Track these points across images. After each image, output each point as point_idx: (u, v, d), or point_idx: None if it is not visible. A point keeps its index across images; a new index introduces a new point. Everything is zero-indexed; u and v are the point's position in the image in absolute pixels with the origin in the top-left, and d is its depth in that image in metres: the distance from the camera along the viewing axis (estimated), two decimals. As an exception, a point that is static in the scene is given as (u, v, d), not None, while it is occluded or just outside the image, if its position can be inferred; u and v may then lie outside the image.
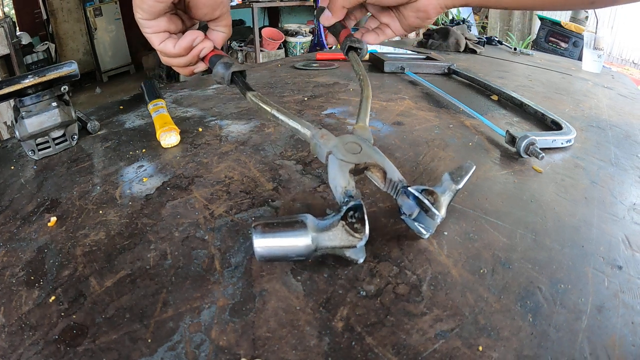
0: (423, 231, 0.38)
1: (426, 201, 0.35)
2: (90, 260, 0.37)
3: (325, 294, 0.32)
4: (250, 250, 0.37)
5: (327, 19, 0.53)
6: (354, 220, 0.32)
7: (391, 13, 0.53)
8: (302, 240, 0.31)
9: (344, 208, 0.33)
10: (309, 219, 0.32)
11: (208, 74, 1.21)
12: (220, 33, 0.48)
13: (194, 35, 0.45)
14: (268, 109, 0.43)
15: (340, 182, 0.36)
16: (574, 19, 2.72)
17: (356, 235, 0.32)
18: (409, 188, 0.36)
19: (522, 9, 0.51)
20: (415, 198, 0.35)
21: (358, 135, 0.41)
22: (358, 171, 0.38)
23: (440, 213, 0.35)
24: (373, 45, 0.57)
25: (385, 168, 0.37)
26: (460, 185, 0.38)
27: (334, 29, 0.55)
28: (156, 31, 0.43)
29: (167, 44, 0.44)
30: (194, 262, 0.36)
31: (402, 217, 0.38)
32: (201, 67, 0.48)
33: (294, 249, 0.31)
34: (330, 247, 0.32)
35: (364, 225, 0.32)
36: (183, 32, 0.46)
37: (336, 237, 0.32)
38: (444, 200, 0.36)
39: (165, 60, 0.47)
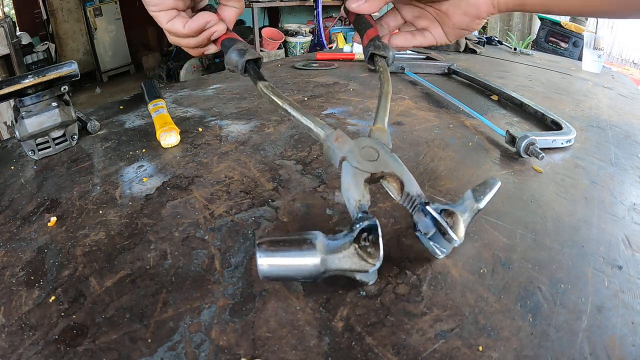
0: (438, 252, 0.36)
1: (444, 224, 0.32)
2: (90, 260, 0.37)
3: (325, 294, 0.32)
4: (250, 251, 0.37)
5: (358, 5, 0.43)
6: (367, 244, 0.30)
7: (431, 16, 0.45)
8: (310, 260, 0.29)
9: (357, 227, 0.30)
10: (319, 238, 0.30)
11: (208, 74, 1.21)
12: (231, 9, 0.45)
13: (206, 17, 0.41)
14: (280, 102, 0.40)
15: (354, 194, 0.33)
16: (574, 19, 2.72)
17: (369, 260, 0.30)
18: (427, 207, 0.33)
19: (587, 16, 0.44)
20: (433, 218, 0.33)
21: (375, 138, 0.37)
22: (373, 180, 0.35)
23: (458, 237, 0.32)
24: (403, 48, 0.47)
25: (404, 180, 0.34)
26: (482, 205, 0.35)
27: (360, 25, 0.47)
28: (162, 9, 0.40)
29: (176, 23, 0.41)
30: (194, 262, 0.36)
31: (417, 233, 0.35)
32: (212, 49, 0.45)
33: (301, 269, 0.29)
34: (340, 269, 0.30)
35: (378, 249, 0.30)
36: (192, 8, 0.43)
37: (347, 260, 0.30)
38: (464, 222, 0.33)
39: (173, 40, 0.43)
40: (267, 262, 0.29)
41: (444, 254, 0.36)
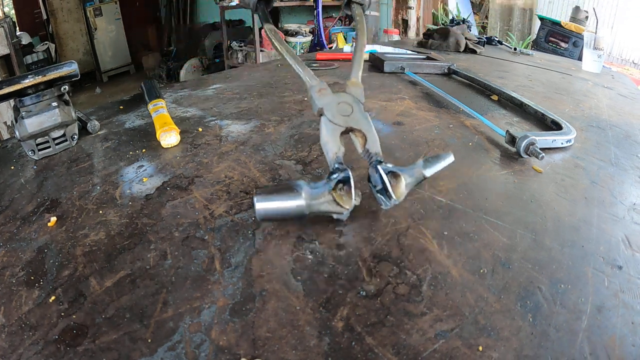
0: (382, 203, 0.40)
1: (388, 184, 0.38)
2: (90, 260, 0.37)
3: (325, 294, 0.32)
4: (250, 251, 0.37)
5: None
6: (342, 193, 0.37)
7: None
8: (297, 205, 0.36)
9: (334, 178, 0.37)
10: (304, 187, 0.37)
11: (208, 74, 1.20)
12: None
13: None
14: (279, 47, 0.45)
15: (332, 147, 0.40)
16: (574, 19, 2.72)
17: (344, 206, 0.37)
18: (379, 166, 0.39)
19: None
20: (381, 176, 0.39)
21: (352, 93, 0.42)
22: (345, 132, 0.41)
23: (396, 197, 0.38)
24: None
25: (368, 138, 0.40)
26: (429, 174, 0.40)
27: None
28: None
29: None
30: (194, 262, 0.36)
31: (369, 184, 0.41)
32: None
33: (289, 211, 0.37)
34: (320, 211, 0.37)
35: (350, 197, 0.37)
36: None
37: (326, 205, 0.37)
38: (407, 185, 0.39)
39: None
40: (264, 206, 0.36)
41: (387, 207, 0.40)
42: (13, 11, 3.95)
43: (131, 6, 4.77)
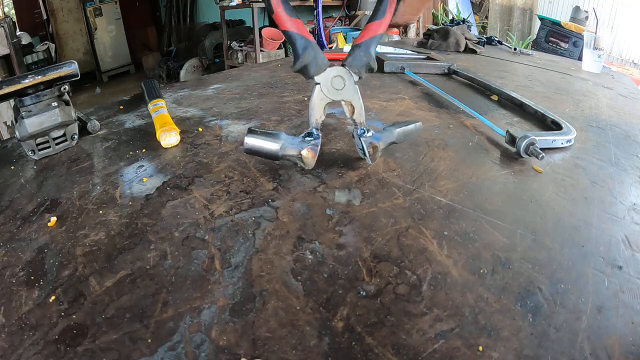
0: (363, 158, 0.50)
1: (366, 152, 0.48)
2: (90, 260, 0.37)
3: (325, 294, 0.32)
4: (250, 251, 0.37)
5: None
6: (307, 156, 0.47)
7: None
8: (274, 147, 0.46)
9: (307, 141, 0.47)
10: (282, 138, 0.46)
11: (208, 74, 1.21)
12: None
13: None
14: None
15: (316, 113, 0.48)
16: (574, 19, 2.72)
17: (306, 166, 0.48)
18: (361, 137, 0.48)
19: None
20: (362, 146, 0.48)
21: (352, 66, 0.47)
22: (335, 102, 0.48)
23: (372, 162, 0.49)
24: None
25: (356, 109, 0.48)
26: (399, 142, 0.51)
27: None
28: None
29: None
30: (194, 262, 0.36)
31: (353, 140, 0.51)
32: None
33: (267, 151, 0.46)
34: (290, 157, 0.47)
35: (313, 160, 0.47)
36: None
37: (294, 158, 0.47)
38: (382, 150, 0.49)
39: None
40: (251, 142, 0.46)
41: (368, 163, 0.50)
42: (13, 11, 3.95)
43: (131, 6, 4.78)
